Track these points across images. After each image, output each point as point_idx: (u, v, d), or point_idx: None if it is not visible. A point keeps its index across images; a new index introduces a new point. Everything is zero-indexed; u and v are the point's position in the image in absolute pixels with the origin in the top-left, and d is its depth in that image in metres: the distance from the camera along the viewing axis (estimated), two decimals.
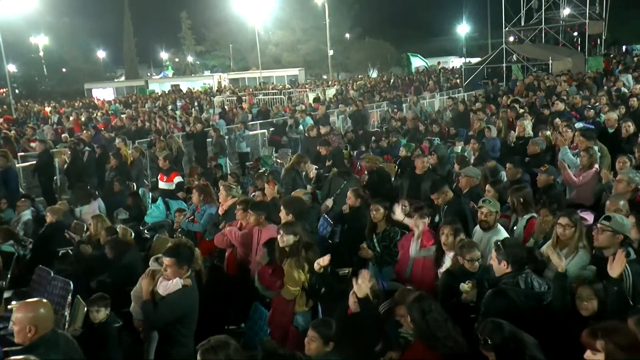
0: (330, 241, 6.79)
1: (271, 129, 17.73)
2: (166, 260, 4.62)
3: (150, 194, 10.08)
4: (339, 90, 33.80)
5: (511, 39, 37.85)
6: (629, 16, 53.91)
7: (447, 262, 4.83)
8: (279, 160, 15.19)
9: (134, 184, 10.63)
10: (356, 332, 3.95)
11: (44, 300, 4.03)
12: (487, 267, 4.35)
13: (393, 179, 10.63)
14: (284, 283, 4.97)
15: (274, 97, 33.51)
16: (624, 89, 15.81)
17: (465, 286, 4.15)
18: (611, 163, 8.14)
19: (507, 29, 35.98)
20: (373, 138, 15.62)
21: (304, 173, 9.92)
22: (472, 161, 9.71)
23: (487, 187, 6.18)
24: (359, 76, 51.86)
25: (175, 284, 4.58)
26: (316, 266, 4.73)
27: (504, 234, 5.13)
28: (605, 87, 17.16)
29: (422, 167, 8.36)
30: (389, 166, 11.88)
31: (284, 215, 5.72)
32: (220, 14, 58.48)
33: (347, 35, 62.79)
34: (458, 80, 34.59)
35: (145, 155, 12.74)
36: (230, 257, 6.40)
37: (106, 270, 6.75)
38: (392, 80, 39.49)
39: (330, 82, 42.56)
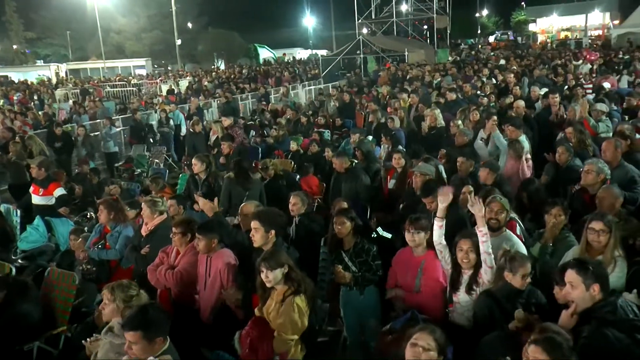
0: None
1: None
2: (129, 336, 3.23)
3: (18, 211, 8.03)
4: (192, 81, 32.01)
5: (364, 31, 38.81)
6: (457, 14, 58.83)
7: (464, 285, 4.11)
8: (156, 160, 13.61)
9: None
10: None
11: None
12: (533, 288, 3.70)
13: (298, 177, 9.84)
14: (276, 332, 3.77)
15: (123, 89, 30.78)
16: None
17: (522, 313, 3.44)
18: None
19: (359, 21, 36.89)
20: (252, 132, 14.63)
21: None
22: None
23: (467, 187, 5.51)
24: (212, 67, 49.96)
25: None
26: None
27: (515, 240, 4.46)
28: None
29: (342, 166, 7.61)
30: (284, 162, 11.07)
31: (262, 234, 4.44)
32: None
33: (190, 24, 59.91)
34: (316, 71, 34.62)
35: None
36: (163, 295, 5.00)
37: None
38: (245, 72, 38.45)
39: (183, 74, 40.23)
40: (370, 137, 10.74)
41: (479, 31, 65.08)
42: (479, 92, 13.63)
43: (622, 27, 35.84)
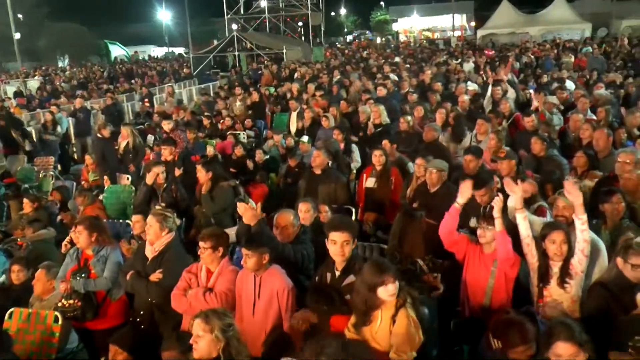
0: None
1: None
2: None
3: None
4: (43, 82, 28.62)
5: (234, 27, 37.78)
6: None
7: (555, 278, 3.91)
8: (50, 173, 11.77)
9: None
10: None
11: None
12: None
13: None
14: (393, 352, 3.23)
15: None
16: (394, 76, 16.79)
17: None
18: None
19: (229, 16, 35.84)
20: (151, 137, 13.27)
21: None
22: None
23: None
24: (59, 65, 45.14)
25: None
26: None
27: (592, 233, 4.19)
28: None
29: (322, 165, 7.12)
30: None
31: (351, 248, 3.77)
32: None
33: (20, 16, 52.60)
34: (188, 70, 32.87)
35: None
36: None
37: None
38: (106, 72, 35.37)
39: (30, 73, 35.85)
40: (305, 137, 10.19)
41: (345, 30, 66.37)
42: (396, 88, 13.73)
43: (484, 28, 37.86)
